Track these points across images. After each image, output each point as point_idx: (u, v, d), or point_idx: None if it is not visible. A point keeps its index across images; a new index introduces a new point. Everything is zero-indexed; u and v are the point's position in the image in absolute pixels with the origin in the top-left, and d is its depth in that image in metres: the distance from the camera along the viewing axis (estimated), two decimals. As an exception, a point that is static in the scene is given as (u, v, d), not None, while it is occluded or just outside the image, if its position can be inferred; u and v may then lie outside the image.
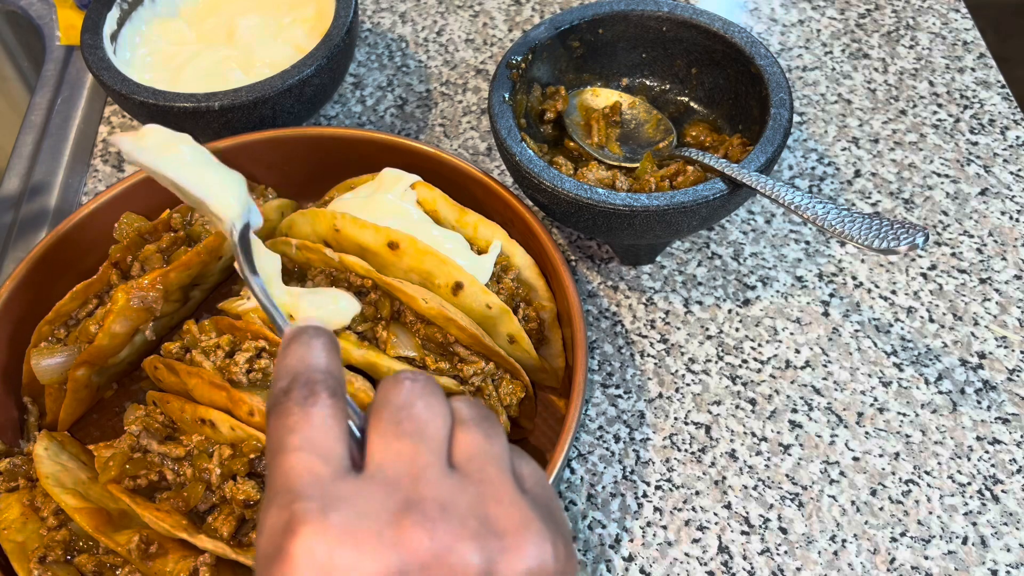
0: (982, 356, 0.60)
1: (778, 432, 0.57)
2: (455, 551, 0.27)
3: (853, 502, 0.54)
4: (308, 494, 0.27)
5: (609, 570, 0.53)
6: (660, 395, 0.59)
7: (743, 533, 0.53)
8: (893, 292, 0.63)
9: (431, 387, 0.32)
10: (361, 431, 0.31)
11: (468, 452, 0.31)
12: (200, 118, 0.64)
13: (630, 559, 0.53)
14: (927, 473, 0.55)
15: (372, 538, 0.27)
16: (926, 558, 0.52)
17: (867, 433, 0.57)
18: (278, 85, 0.64)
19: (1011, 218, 0.67)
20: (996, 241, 0.65)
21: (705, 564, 0.52)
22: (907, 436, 0.57)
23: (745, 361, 0.61)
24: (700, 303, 0.64)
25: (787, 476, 0.56)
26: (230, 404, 0.49)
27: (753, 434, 0.57)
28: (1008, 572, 0.51)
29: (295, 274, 0.57)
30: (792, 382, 0.59)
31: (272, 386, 0.31)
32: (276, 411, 0.30)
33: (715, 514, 0.54)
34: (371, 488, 0.28)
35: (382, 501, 0.28)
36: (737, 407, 0.59)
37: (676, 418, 0.58)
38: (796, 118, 0.74)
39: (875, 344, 0.61)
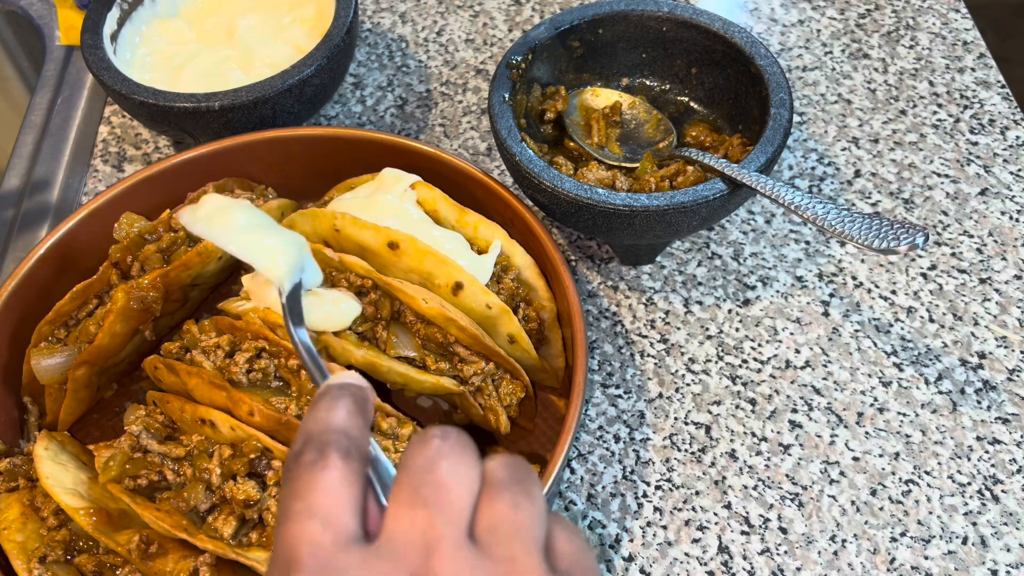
0: (982, 356, 0.60)
1: (778, 432, 0.57)
2: None
3: (853, 502, 0.54)
4: (305, 564, 0.26)
5: (609, 570, 0.53)
6: (660, 395, 0.59)
7: (743, 533, 0.53)
8: (893, 292, 0.63)
9: (460, 446, 0.29)
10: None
11: (492, 523, 0.28)
12: (200, 118, 0.64)
13: (630, 559, 0.53)
14: (927, 473, 0.55)
15: None
16: (926, 558, 0.52)
17: (867, 433, 0.57)
18: (278, 85, 0.64)
19: (1011, 218, 0.67)
20: (996, 241, 0.65)
21: (705, 564, 0.52)
22: (907, 436, 0.57)
23: (745, 361, 0.61)
24: (700, 303, 0.64)
25: (787, 476, 0.56)
26: (230, 404, 0.49)
27: (753, 434, 0.57)
28: (1008, 572, 0.51)
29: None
30: (792, 382, 0.59)
31: (289, 450, 0.30)
32: (285, 476, 0.29)
33: (715, 514, 0.54)
34: (375, 561, 0.26)
35: (385, 573, 0.26)
36: (737, 407, 0.59)
37: (676, 418, 0.58)
38: (796, 118, 0.74)
39: (875, 344, 0.61)
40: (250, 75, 0.70)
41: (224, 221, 0.48)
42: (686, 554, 0.53)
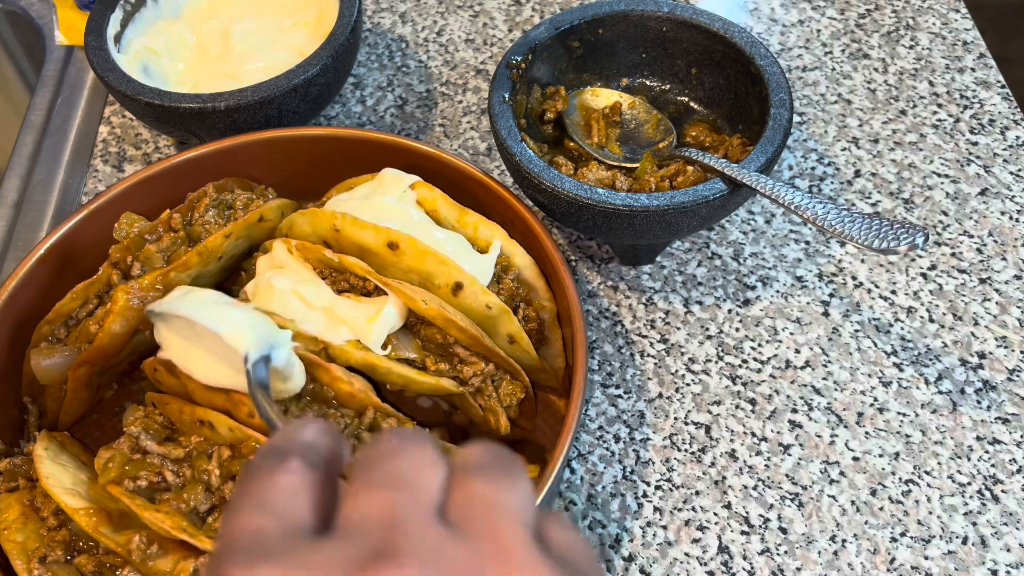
0: (982, 356, 0.60)
1: (778, 432, 0.57)
2: None
3: (853, 502, 0.54)
4: (244, 547, 0.23)
5: (609, 570, 0.53)
6: (660, 395, 0.59)
7: (743, 533, 0.54)
8: (893, 292, 0.63)
9: (419, 437, 0.26)
10: None
11: (468, 504, 0.24)
12: (206, 119, 0.64)
13: (630, 559, 0.53)
14: (927, 473, 0.55)
15: None
16: (926, 558, 0.52)
17: (867, 433, 0.57)
18: (284, 85, 0.64)
19: (1011, 218, 0.67)
20: (996, 241, 0.65)
21: (705, 564, 0.52)
22: (907, 436, 0.57)
23: (745, 361, 0.61)
24: (700, 303, 0.64)
25: (787, 476, 0.56)
26: (229, 405, 0.49)
27: (753, 434, 0.57)
28: (1008, 572, 0.51)
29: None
30: (792, 382, 0.59)
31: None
32: (239, 481, 0.26)
33: (715, 514, 0.54)
34: (327, 543, 0.23)
35: (339, 553, 0.22)
36: (737, 407, 0.59)
37: (676, 418, 0.58)
38: (796, 118, 0.74)
39: (875, 344, 0.61)
40: (251, 78, 0.70)
41: (193, 297, 0.49)
42: (686, 554, 0.53)
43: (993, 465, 0.55)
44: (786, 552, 0.53)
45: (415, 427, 0.28)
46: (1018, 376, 0.59)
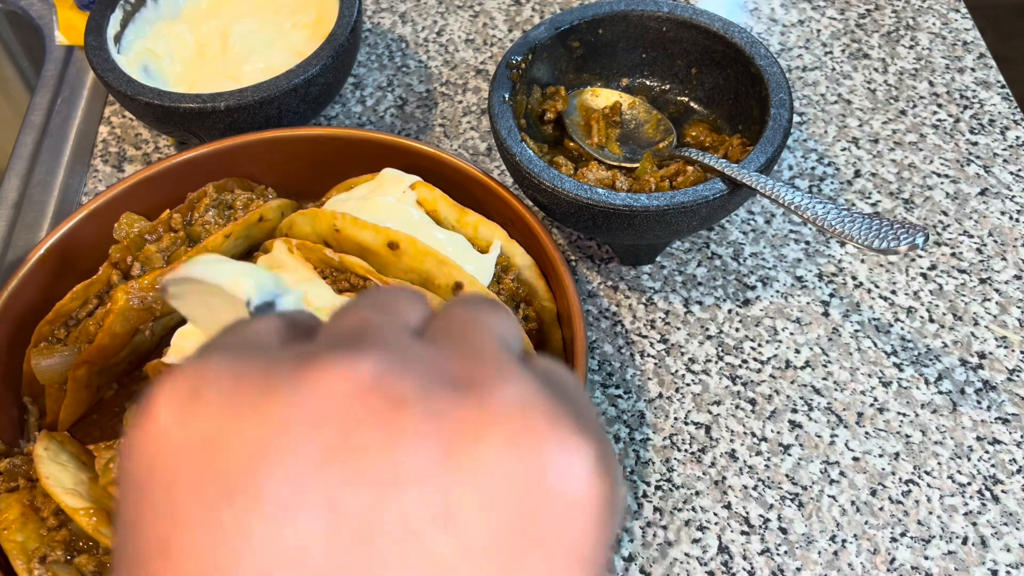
0: (982, 356, 0.60)
1: (778, 432, 0.57)
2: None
3: (853, 502, 0.54)
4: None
5: (609, 571, 0.53)
6: (660, 395, 0.59)
7: (743, 533, 0.54)
8: (893, 292, 0.63)
9: (413, 290, 0.26)
10: None
11: (445, 323, 0.23)
12: (206, 119, 0.64)
13: (630, 559, 0.53)
14: (927, 473, 0.55)
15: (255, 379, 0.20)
16: (926, 558, 0.52)
17: (867, 433, 0.57)
18: (284, 85, 0.64)
19: (1011, 218, 0.67)
20: (996, 241, 0.65)
21: (705, 564, 0.52)
22: (907, 436, 0.57)
23: (745, 361, 0.61)
24: (700, 303, 0.64)
25: (787, 476, 0.56)
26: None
27: (753, 434, 0.57)
28: (1008, 572, 0.51)
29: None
30: (792, 382, 0.59)
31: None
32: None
33: (715, 514, 0.54)
34: (294, 346, 0.22)
35: (296, 351, 0.21)
36: (737, 407, 0.59)
37: (676, 418, 0.58)
38: (796, 118, 0.74)
39: (875, 344, 0.61)
40: (251, 78, 0.70)
41: (194, 259, 0.47)
42: (686, 554, 0.53)
43: (993, 465, 0.55)
44: (786, 552, 0.53)
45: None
46: (1018, 376, 0.59)
